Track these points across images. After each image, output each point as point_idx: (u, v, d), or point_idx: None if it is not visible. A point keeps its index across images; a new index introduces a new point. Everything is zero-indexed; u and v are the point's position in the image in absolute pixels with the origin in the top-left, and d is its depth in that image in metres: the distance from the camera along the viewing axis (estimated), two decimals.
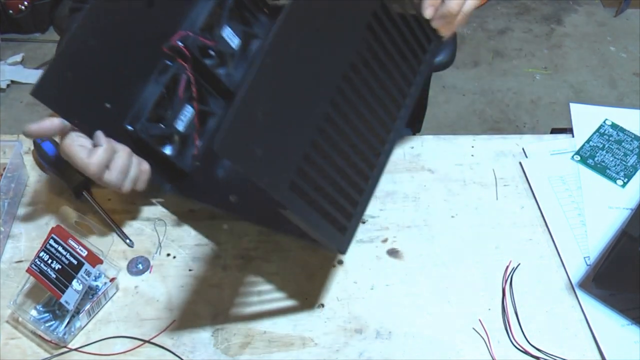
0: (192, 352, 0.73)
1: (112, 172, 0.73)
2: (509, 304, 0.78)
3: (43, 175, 0.89)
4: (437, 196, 0.88)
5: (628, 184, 0.90)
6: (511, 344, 0.74)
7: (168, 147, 0.81)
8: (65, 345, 0.72)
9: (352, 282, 0.79)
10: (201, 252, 0.81)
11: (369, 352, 0.73)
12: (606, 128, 0.96)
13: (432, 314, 0.77)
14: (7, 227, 0.82)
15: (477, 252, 0.83)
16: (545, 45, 2.41)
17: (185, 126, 0.82)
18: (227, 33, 0.84)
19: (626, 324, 0.76)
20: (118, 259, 0.80)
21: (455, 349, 0.74)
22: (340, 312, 0.77)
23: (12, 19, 2.28)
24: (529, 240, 0.84)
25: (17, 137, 0.91)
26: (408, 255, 0.82)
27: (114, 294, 0.77)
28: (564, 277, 0.81)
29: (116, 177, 0.73)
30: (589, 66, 2.33)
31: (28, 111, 2.12)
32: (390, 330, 0.75)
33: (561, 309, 0.78)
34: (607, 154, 0.93)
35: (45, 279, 0.72)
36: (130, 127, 0.78)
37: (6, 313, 0.75)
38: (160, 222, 0.84)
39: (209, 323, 0.75)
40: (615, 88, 2.25)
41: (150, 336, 0.74)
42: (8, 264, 0.80)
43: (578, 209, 0.87)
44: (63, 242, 0.72)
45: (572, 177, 0.91)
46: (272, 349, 0.73)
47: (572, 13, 2.57)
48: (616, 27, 2.50)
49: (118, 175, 0.74)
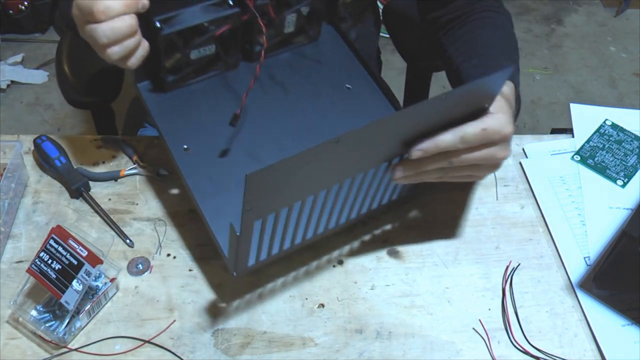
0: (192, 352, 0.73)
1: (116, 22, 0.69)
2: (509, 304, 0.78)
3: (43, 175, 0.89)
4: (437, 196, 0.88)
5: (628, 184, 0.90)
6: (511, 344, 0.74)
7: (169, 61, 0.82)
8: (65, 346, 0.72)
9: (352, 282, 0.79)
10: (201, 252, 0.81)
11: (369, 352, 0.73)
12: (606, 128, 0.96)
13: (432, 314, 0.77)
14: (7, 227, 0.82)
15: (477, 252, 0.83)
16: (545, 45, 2.41)
17: (196, 57, 0.82)
18: (290, 19, 0.86)
19: (626, 324, 0.76)
20: (118, 259, 0.80)
21: (455, 349, 0.74)
22: (340, 312, 0.77)
23: (12, 19, 2.28)
24: (529, 240, 0.84)
25: (17, 137, 0.91)
26: (408, 255, 0.82)
27: (114, 294, 0.77)
28: (564, 277, 0.81)
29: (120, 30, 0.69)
30: (589, 66, 2.33)
31: (28, 111, 2.12)
32: (390, 330, 0.75)
33: (561, 309, 0.78)
34: (607, 154, 0.93)
35: (45, 279, 0.72)
36: (158, 24, 0.76)
37: (6, 313, 0.75)
38: (160, 222, 0.84)
39: (209, 323, 0.75)
40: (615, 88, 2.25)
41: (150, 336, 0.74)
42: (8, 264, 0.80)
43: (578, 209, 0.87)
44: (63, 242, 0.72)
45: (572, 177, 0.91)
46: (272, 349, 0.73)
47: (572, 13, 2.57)
48: (616, 27, 2.50)
49: (122, 29, 0.69)
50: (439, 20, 0.92)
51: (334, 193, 0.70)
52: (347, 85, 0.88)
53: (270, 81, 0.88)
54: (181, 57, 0.81)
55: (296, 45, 0.91)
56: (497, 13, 0.90)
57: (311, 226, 0.73)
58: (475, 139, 0.68)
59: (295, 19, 0.87)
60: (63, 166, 0.87)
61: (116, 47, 0.70)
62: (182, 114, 0.83)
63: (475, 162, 0.70)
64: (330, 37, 0.93)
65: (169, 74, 0.83)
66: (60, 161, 0.87)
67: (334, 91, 0.88)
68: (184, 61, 0.82)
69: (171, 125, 0.82)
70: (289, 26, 0.87)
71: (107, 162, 0.91)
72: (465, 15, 0.90)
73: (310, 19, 0.89)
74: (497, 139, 0.69)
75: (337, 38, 0.93)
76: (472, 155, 0.69)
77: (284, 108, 0.85)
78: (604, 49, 2.41)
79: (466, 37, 0.88)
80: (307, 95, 0.87)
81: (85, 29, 0.70)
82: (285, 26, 0.87)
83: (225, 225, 0.67)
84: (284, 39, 0.89)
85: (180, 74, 0.84)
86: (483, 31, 0.88)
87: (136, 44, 0.71)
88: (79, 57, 1.12)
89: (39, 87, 2.19)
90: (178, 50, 0.80)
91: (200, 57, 0.83)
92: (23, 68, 2.24)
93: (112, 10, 0.68)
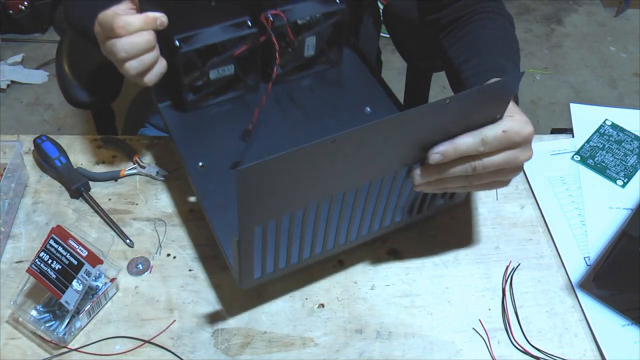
0: (192, 352, 0.73)
1: (134, 38, 0.71)
2: (509, 304, 0.78)
3: (43, 175, 0.89)
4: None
5: (628, 184, 0.90)
6: (511, 344, 0.74)
7: (188, 80, 0.83)
8: (65, 346, 0.72)
9: (352, 282, 0.79)
10: (201, 252, 0.81)
11: (369, 352, 0.73)
12: (606, 128, 0.96)
13: (432, 314, 0.77)
14: (7, 227, 0.82)
15: (477, 252, 0.83)
16: (545, 45, 2.41)
17: (216, 77, 0.84)
18: (309, 42, 0.87)
19: (626, 324, 0.76)
20: (118, 259, 0.80)
21: (455, 349, 0.74)
22: (340, 312, 0.77)
23: (12, 19, 2.28)
24: (529, 240, 0.84)
25: (17, 137, 0.91)
26: (408, 255, 0.82)
27: (114, 294, 0.77)
28: (564, 277, 0.81)
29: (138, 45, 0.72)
30: (589, 66, 2.33)
31: (28, 111, 2.12)
32: (390, 330, 0.75)
33: (561, 309, 0.78)
34: (607, 154, 0.93)
35: (45, 279, 0.72)
36: (177, 43, 0.78)
37: (6, 313, 0.75)
38: (160, 222, 0.84)
39: (209, 323, 0.75)
40: (615, 88, 2.25)
41: (150, 336, 0.74)
42: (8, 264, 0.80)
43: (578, 209, 0.87)
44: (63, 242, 0.72)
45: (572, 177, 0.91)
46: (272, 349, 0.73)
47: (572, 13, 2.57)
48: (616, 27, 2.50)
49: (140, 44, 0.72)
50: (439, 21, 0.92)
51: (341, 200, 0.67)
52: (367, 109, 0.89)
53: (290, 103, 0.89)
54: (200, 76, 0.83)
55: (318, 70, 0.92)
56: (497, 14, 0.90)
57: (319, 238, 0.71)
58: (496, 141, 0.66)
59: (315, 42, 0.87)
60: (63, 166, 0.87)
61: (134, 61, 0.72)
62: (200, 133, 0.85)
63: (498, 167, 0.68)
64: (351, 60, 0.94)
65: (189, 93, 0.84)
66: (60, 161, 0.87)
67: (353, 114, 0.88)
68: (204, 81, 0.84)
69: (189, 144, 0.83)
70: (309, 49, 0.88)
71: (107, 162, 0.91)
72: (465, 17, 0.90)
73: (330, 42, 0.90)
74: (518, 141, 0.68)
75: (358, 61, 0.94)
76: (494, 158, 0.68)
77: (302, 129, 0.86)
78: (604, 49, 2.40)
79: (466, 37, 0.88)
80: (327, 117, 0.88)
81: (106, 45, 0.73)
82: (305, 49, 0.88)
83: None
84: (305, 63, 0.90)
85: (200, 94, 0.85)
86: (483, 31, 0.88)
87: (154, 59, 0.74)
88: (79, 57, 1.12)
89: (39, 87, 2.19)
90: (197, 69, 0.82)
91: (220, 77, 0.84)
92: (23, 68, 2.24)
93: (131, 25, 0.71)
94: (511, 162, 0.68)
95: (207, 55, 0.81)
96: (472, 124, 0.66)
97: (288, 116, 0.87)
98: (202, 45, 0.80)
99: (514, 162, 0.69)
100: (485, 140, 0.66)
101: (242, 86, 0.88)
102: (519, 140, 0.68)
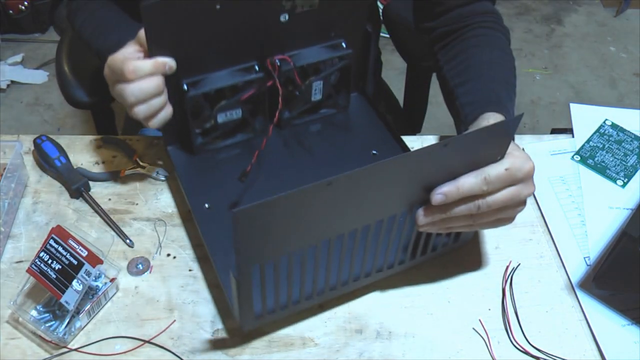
0: (192, 352, 0.73)
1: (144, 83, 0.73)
2: (509, 304, 0.78)
3: (43, 175, 0.89)
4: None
5: (628, 184, 0.90)
6: (511, 344, 0.74)
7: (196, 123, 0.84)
8: (65, 346, 0.72)
9: None
10: (201, 252, 0.81)
11: (369, 352, 0.73)
12: (606, 128, 0.96)
13: (432, 314, 0.77)
14: (7, 227, 0.82)
15: (477, 252, 0.83)
16: (545, 45, 2.41)
17: (223, 120, 0.85)
18: (316, 86, 0.88)
19: (626, 324, 0.76)
20: (118, 259, 0.80)
21: (455, 349, 0.74)
22: (340, 312, 0.77)
23: (12, 19, 2.28)
24: (529, 240, 0.84)
25: (17, 137, 0.91)
26: None
27: (114, 294, 0.77)
28: (564, 277, 0.81)
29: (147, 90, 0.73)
30: (589, 66, 2.33)
31: (28, 111, 2.12)
32: (390, 330, 0.75)
33: (561, 309, 0.78)
34: (607, 154, 0.93)
35: (45, 279, 0.72)
36: (185, 86, 0.79)
37: (6, 313, 0.75)
38: (160, 222, 0.84)
39: (209, 323, 0.75)
40: (615, 88, 2.25)
41: (150, 336, 0.74)
42: (8, 264, 0.80)
43: (578, 209, 0.87)
44: (63, 242, 0.72)
45: (572, 177, 0.91)
46: (272, 349, 0.73)
47: (572, 13, 2.57)
48: (616, 27, 2.50)
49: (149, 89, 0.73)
50: (434, 30, 0.92)
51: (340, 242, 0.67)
52: (374, 152, 0.89)
53: (297, 146, 0.89)
54: (208, 120, 0.83)
55: (325, 114, 0.93)
56: (493, 30, 0.89)
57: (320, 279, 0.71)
58: (498, 180, 0.67)
59: (322, 86, 0.88)
60: (63, 166, 0.87)
61: (143, 105, 0.74)
62: (207, 175, 0.85)
63: (502, 204, 0.68)
64: (358, 104, 0.95)
65: (198, 136, 0.85)
66: (60, 161, 0.87)
67: (360, 156, 0.89)
68: (212, 124, 0.84)
69: (196, 185, 0.84)
70: (317, 94, 0.89)
71: (107, 162, 0.91)
72: (460, 31, 0.89)
73: (337, 87, 0.90)
74: (520, 177, 0.68)
75: (365, 105, 0.95)
76: (498, 196, 0.68)
77: (309, 172, 0.86)
78: (604, 49, 2.41)
79: (461, 56, 0.87)
80: (334, 159, 0.88)
81: (116, 88, 0.74)
82: (313, 94, 0.88)
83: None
84: (313, 107, 0.91)
85: (208, 137, 0.86)
86: (478, 52, 0.87)
87: (161, 104, 0.75)
88: (79, 57, 1.12)
89: (39, 87, 2.20)
90: (204, 112, 0.82)
91: (228, 121, 0.85)
92: (23, 68, 2.24)
93: (141, 70, 0.72)
94: (515, 198, 0.69)
95: (215, 99, 0.81)
96: (474, 163, 0.67)
97: (295, 159, 0.88)
98: (210, 89, 0.80)
99: (517, 198, 0.69)
100: (488, 180, 0.66)
101: (250, 130, 0.88)
102: (521, 176, 0.68)
